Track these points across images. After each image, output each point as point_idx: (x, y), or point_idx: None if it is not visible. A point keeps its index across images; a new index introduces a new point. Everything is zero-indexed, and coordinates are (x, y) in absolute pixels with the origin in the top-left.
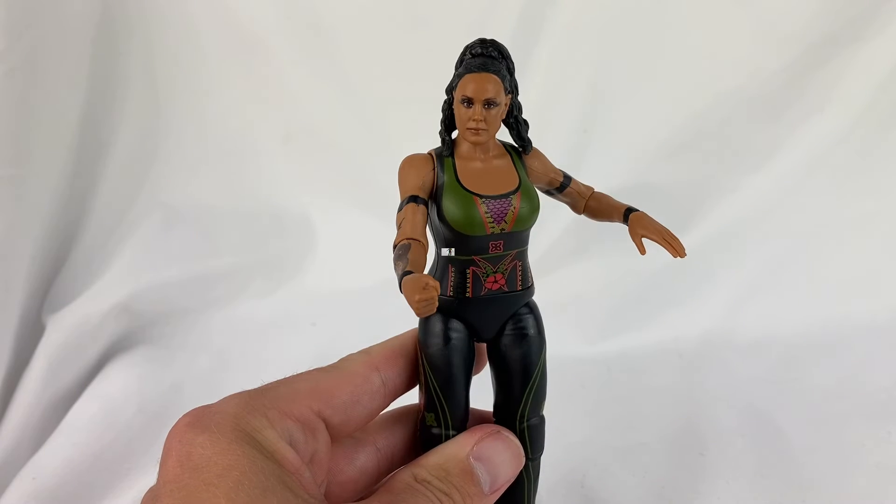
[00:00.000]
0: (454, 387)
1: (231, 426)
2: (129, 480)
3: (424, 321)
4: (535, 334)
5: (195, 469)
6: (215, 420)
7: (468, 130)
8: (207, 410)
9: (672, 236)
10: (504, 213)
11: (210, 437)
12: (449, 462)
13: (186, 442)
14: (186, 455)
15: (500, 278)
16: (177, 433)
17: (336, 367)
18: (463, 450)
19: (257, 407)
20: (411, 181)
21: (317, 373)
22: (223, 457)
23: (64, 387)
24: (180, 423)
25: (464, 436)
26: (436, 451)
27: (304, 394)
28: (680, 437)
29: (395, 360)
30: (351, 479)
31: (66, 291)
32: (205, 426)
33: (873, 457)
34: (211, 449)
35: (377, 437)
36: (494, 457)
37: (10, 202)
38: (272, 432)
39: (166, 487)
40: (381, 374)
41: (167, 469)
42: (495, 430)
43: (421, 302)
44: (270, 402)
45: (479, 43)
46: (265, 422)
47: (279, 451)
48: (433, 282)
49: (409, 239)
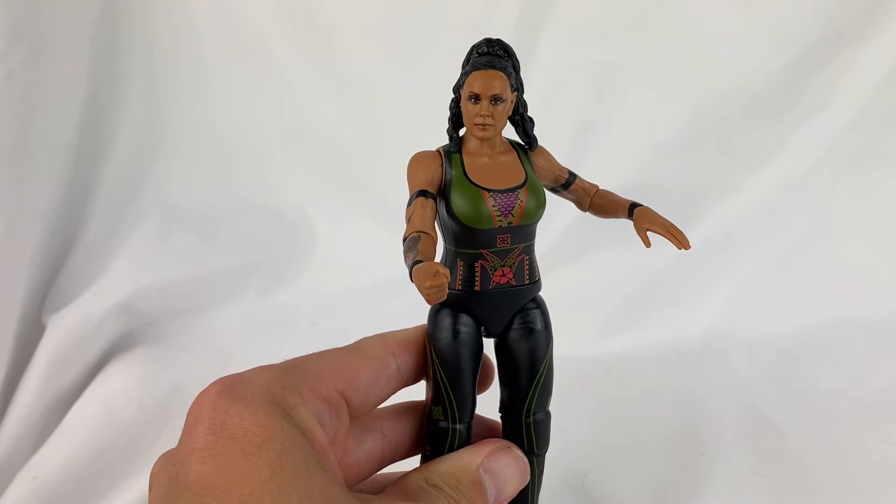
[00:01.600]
0: (462, 380)
1: (267, 399)
2: (129, 480)
3: (434, 315)
4: (543, 329)
5: (231, 438)
6: (250, 390)
7: (476, 126)
8: (239, 380)
9: (676, 229)
10: (511, 207)
11: (247, 408)
12: (461, 472)
13: (220, 410)
14: (221, 423)
15: (508, 272)
16: (207, 401)
17: (356, 349)
18: (474, 461)
19: (291, 383)
20: (420, 177)
21: (339, 352)
22: (262, 429)
23: (64, 387)
24: (210, 392)
25: (475, 447)
26: (447, 458)
27: (330, 373)
28: (680, 436)
29: (409, 348)
30: (357, 461)
31: (66, 291)
32: (239, 395)
33: (873, 457)
34: (249, 419)
35: (384, 423)
36: (503, 471)
37: (10, 202)
38: (305, 410)
39: (196, 454)
40: (396, 359)
41: (195, 436)
42: (506, 444)
43: (432, 288)
44: (301, 380)
45: (486, 42)
46: (298, 399)
47: (311, 429)
48: (443, 269)
49: (418, 231)
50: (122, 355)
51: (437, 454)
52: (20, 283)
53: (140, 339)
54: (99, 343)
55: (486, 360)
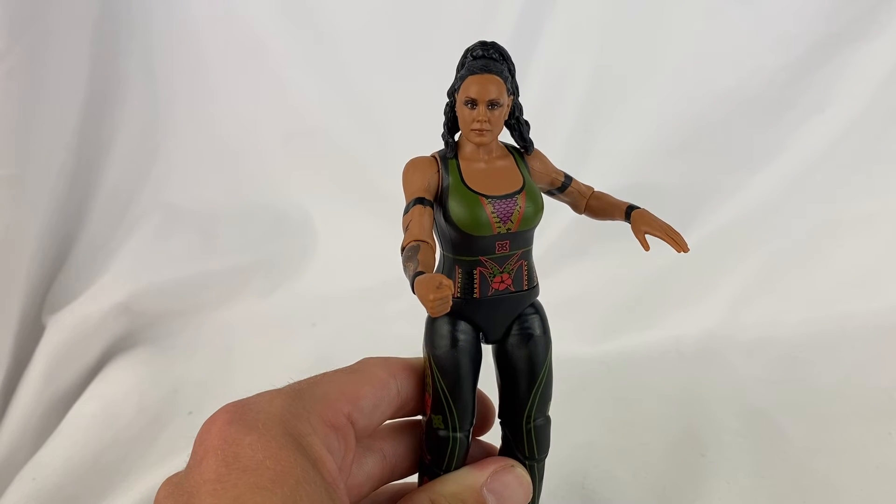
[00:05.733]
0: (462, 389)
1: (280, 429)
2: (129, 481)
3: (431, 323)
4: (542, 334)
5: (244, 470)
6: (262, 420)
7: (472, 132)
8: (249, 408)
9: (675, 232)
10: (510, 213)
11: (259, 439)
12: (465, 492)
13: (232, 441)
14: (233, 455)
15: (507, 278)
16: (217, 430)
17: (358, 370)
18: (478, 481)
19: (300, 411)
20: (417, 183)
21: (343, 374)
22: (275, 462)
23: (64, 387)
24: (219, 420)
25: (479, 466)
26: (451, 478)
27: (336, 397)
28: (680, 437)
29: (410, 373)
30: (357, 483)
31: (66, 291)
32: (251, 425)
33: (873, 457)
34: (262, 452)
35: (384, 444)
36: (505, 491)
37: (10, 202)
38: (316, 439)
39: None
40: (397, 382)
41: (207, 467)
42: (510, 463)
43: (435, 301)
44: (310, 406)
45: (480, 45)
46: (309, 427)
47: (322, 460)
48: (447, 281)
49: (417, 240)
50: (122, 355)
51: (437, 463)
52: (20, 283)
53: (140, 339)
54: (99, 343)
55: (486, 400)
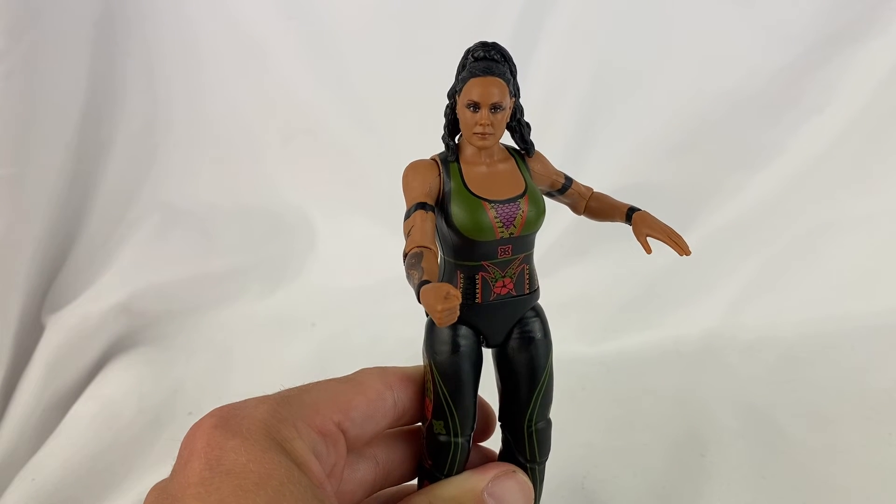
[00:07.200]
0: (464, 394)
1: (263, 433)
2: (128, 481)
3: (432, 328)
4: (542, 338)
5: (227, 474)
6: (245, 425)
7: (475, 135)
8: (234, 413)
9: (676, 235)
10: (513, 218)
11: (243, 443)
12: (465, 496)
13: (216, 445)
14: (216, 459)
15: (509, 283)
16: (202, 434)
17: (353, 379)
18: (479, 485)
19: (286, 416)
20: (418, 188)
21: (335, 383)
22: (259, 465)
23: (64, 387)
24: (205, 424)
25: (479, 471)
26: (452, 482)
27: (326, 405)
28: (680, 437)
29: (408, 384)
30: (349, 490)
31: (66, 291)
32: (234, 430)
33: (873, 457)
34: (245, 455)
35: (377, 451)
36: (506, 495)
37: (10, 202)
38: (301, 443)
39: (191, 490)
40: (394, 394)
41: (191, 471)
42: (510, 468)
43: (444, 311)
44: (297, 412)
45: (481, 46)
46: (294, 432)
47: (307, 463)
48: (454, 290)
49: (420, 247)
50: (122, 356)
51: (437, 468)
52: (20, 283)
53: (140, 339)
54: (98, 343)
55: (487, 408)
